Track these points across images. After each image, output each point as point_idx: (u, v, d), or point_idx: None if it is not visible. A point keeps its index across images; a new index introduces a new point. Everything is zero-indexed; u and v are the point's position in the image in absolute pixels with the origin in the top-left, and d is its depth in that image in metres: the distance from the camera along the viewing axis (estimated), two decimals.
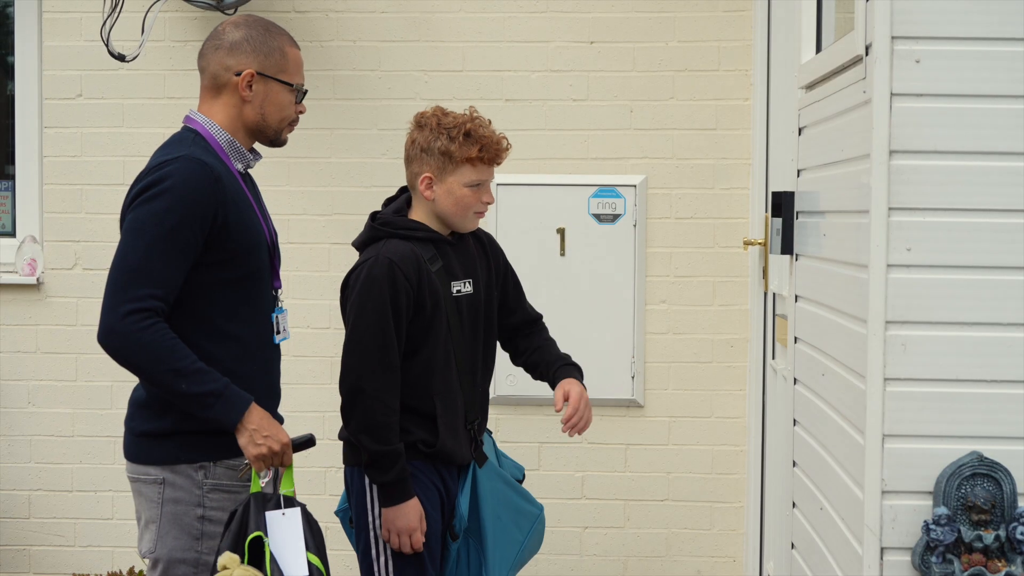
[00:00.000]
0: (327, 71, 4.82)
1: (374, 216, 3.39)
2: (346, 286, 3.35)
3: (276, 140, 3.14)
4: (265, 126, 3.10)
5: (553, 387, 3.43)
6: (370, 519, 3.31)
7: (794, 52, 3.80)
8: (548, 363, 3.49)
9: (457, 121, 3.31)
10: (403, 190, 3.45)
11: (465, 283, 3.37)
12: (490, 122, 3.36)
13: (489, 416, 3.54)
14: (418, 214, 3.36)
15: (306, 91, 3.16)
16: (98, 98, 4.90)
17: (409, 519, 3.24)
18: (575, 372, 3.45)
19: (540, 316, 3.61)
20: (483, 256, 3.47)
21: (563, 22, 4.81)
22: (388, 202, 3.45)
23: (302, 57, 3.17)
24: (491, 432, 3.58)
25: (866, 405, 2.74)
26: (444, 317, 3.30)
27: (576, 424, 3.33)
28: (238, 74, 3.04)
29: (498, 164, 3.36)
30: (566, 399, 3.34)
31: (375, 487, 3.28)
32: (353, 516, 3.37)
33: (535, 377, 3.55)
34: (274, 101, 3.08)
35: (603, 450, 4.84)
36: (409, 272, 3.24)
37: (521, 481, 3.55)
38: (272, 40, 3.08)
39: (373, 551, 3.29)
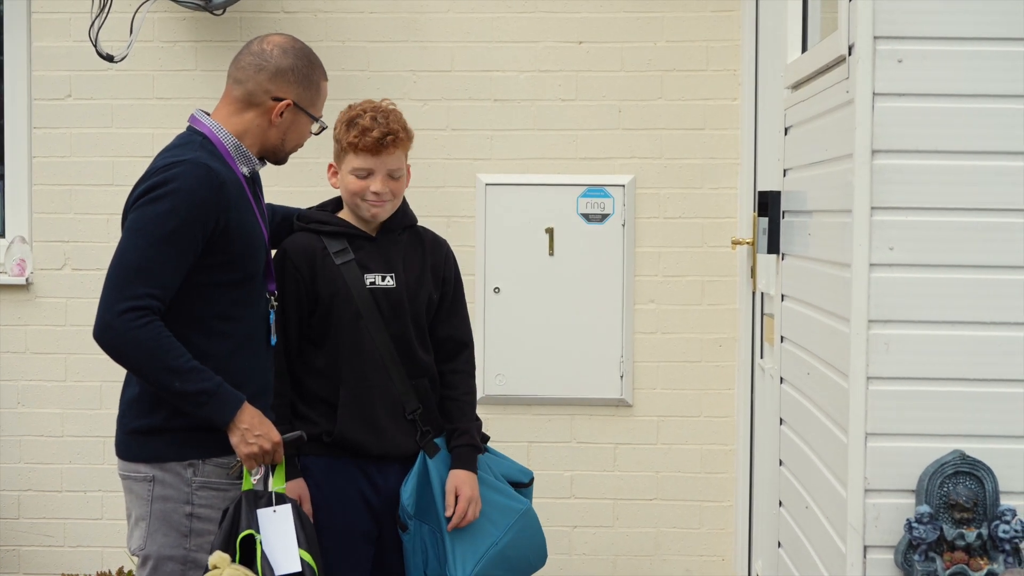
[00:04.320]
0: None
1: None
2: None
3: (282, 161, 3.20)
4: (280, 149, 3.16)
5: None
6: None
7: (781, 52, 3.81)
8: (452, 428, 3.42)
9: (353, 110, 3.35)
10: None
11: (384, 276, 3.36)
12: (392, 112, 3.33)
13: (479, 416, 3.49)
14: (344, 210, 3.43)
15: (325, 126, 3.19)
16: (87, 99, 4.90)
17: None
18: (469, 457, 3.39)
19: (470, 343, 3.51)
20: (419, 255, 3.43)
21: (551, 22, 4.82)
22: None
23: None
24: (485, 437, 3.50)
25: (849, 404, 2.74)
26: (352, 308, 3.31)
27: (459, 525, 3.32)
28: (276, 99, 3.08)
29: (381, 155, 3.29)
30: (457, 494, 3.33)
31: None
32: None
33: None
34: (297, 130, 3.15)
35: (592, 449, 4.84)
36: (300, 262, 3.32)
37: (526, 485, 3.50)
38: (313, 74, 3.14)
39: None
